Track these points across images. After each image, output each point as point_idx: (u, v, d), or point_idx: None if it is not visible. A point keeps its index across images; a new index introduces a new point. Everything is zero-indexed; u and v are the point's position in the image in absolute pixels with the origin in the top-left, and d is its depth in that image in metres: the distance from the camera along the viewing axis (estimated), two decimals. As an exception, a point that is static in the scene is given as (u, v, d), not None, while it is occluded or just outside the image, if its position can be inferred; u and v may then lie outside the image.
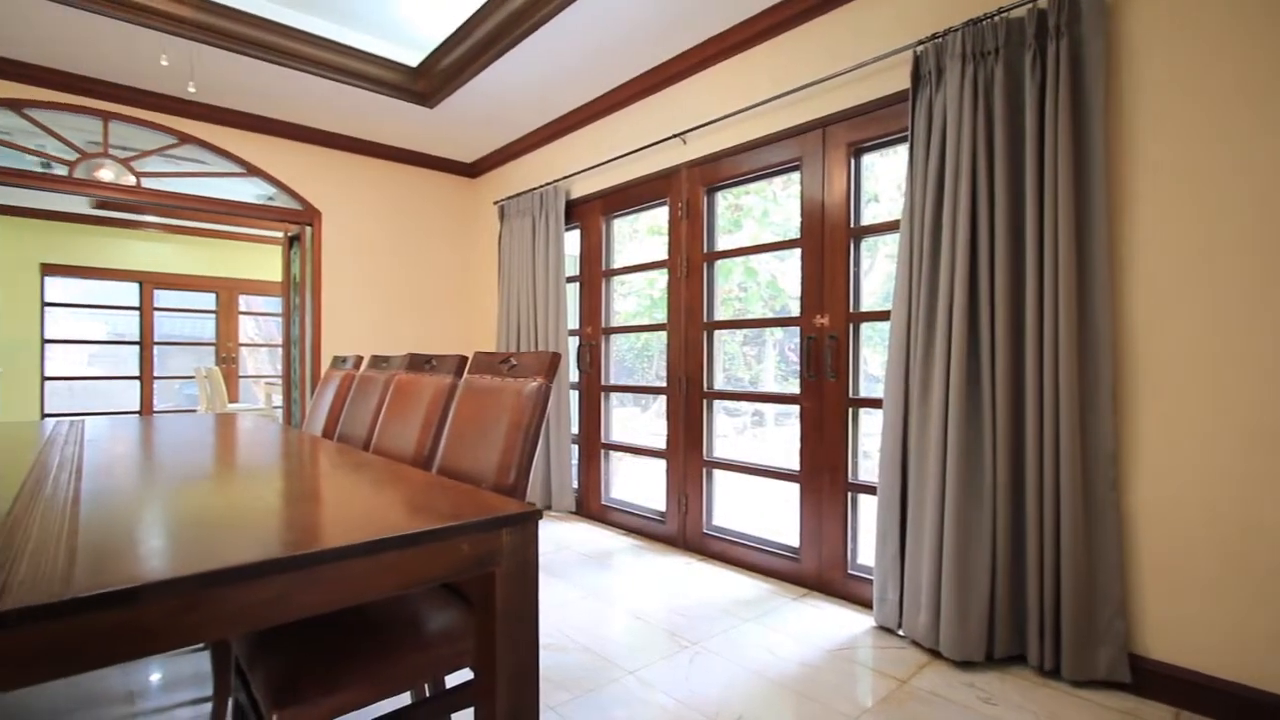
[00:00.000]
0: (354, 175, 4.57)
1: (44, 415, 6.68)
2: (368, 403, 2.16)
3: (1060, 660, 1.95)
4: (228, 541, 0.89)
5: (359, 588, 0.86)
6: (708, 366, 3.27)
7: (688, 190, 3.33)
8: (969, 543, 2.08)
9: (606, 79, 3.53)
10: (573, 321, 4.13)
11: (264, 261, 7.92)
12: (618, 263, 3.95)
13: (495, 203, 4.68)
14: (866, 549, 2.65)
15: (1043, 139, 2.00)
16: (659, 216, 3.69)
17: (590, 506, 3.96)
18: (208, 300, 7.71)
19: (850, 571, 2.62)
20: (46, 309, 6.72)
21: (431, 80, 3.74)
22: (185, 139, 3.89)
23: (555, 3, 2.83)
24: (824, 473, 2.72)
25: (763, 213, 3.65)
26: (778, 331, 3.98)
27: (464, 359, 1.77)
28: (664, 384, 3.48)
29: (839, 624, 2.41)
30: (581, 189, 3.99)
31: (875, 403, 2.57)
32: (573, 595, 2.71)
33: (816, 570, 2.73)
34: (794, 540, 2.85)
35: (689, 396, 3.32)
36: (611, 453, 3.94)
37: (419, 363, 1.97)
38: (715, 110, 3.13)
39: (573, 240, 4.15)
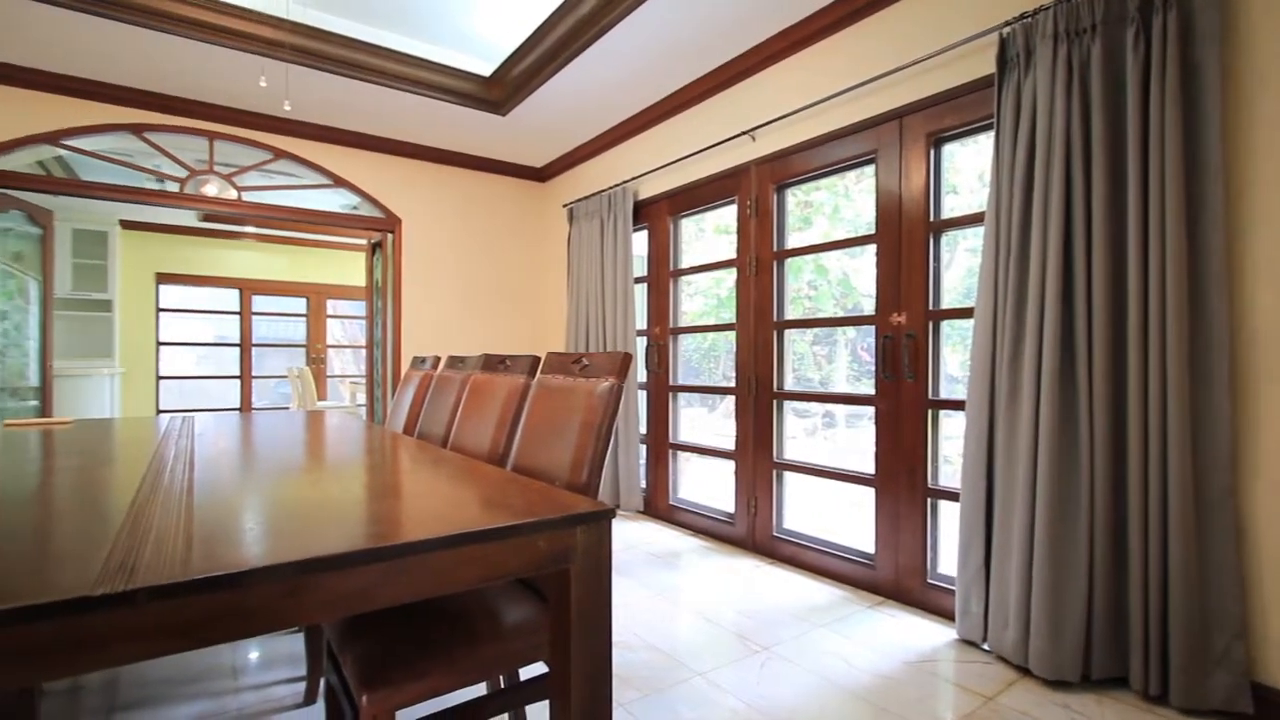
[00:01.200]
0: (431, 183, 4.76)
1: (158, 411, 7.31)
2: (445, 401, 2.24)
3: (1167, 685, 1.80)
4: (322, 532, 0.94)
5: (442, 579, 0.89)
6: (778, 367, 3.21)
7: (757, 188, 3.28)
8: (1063, 554, 1.95)
9: (674, 79, 3.53)
10: (640, 322, 4.15)
11: (349, 268, 8.38)
12: (685, 263, 3.94)
13: (564, 205, 4.76)
14: (948, 557, 2.53)
15: (1147, 120, 1.85)
16: (726, 215, 3.65)
17: (658, 506, 3.96)
18: (299, 305, 8.23)
19: (930, 580, 2.51)
20: (160, 314, 7.36)
21: (504, 88, 3.85)
22: (280, 154, 4.16)
23: (622, 7, 2.85)
24: (901, 477, 2.61)
25: (834, 209, 3.56)
26: (850, 331, 3.86)
27: (537, 359, 1.81)
28: (732, 384, 3.45)
29: (918, 635, 2.31)
30: (649, 190, 4.01)
31: (956, 404, 2.45)
32: (641, 594, 2.73)
33: (893, 578, 2.63)
34: (869, 546, 2.75)
35: (758, 397, 3.27)
36: (679, 453, 3.93)
37: (493, 363, 2.03)
38: (785, 105, 3.07)
39: (640, 241, 4.18)
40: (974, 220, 2.41)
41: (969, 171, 2.72)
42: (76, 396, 5.88)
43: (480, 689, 1.80)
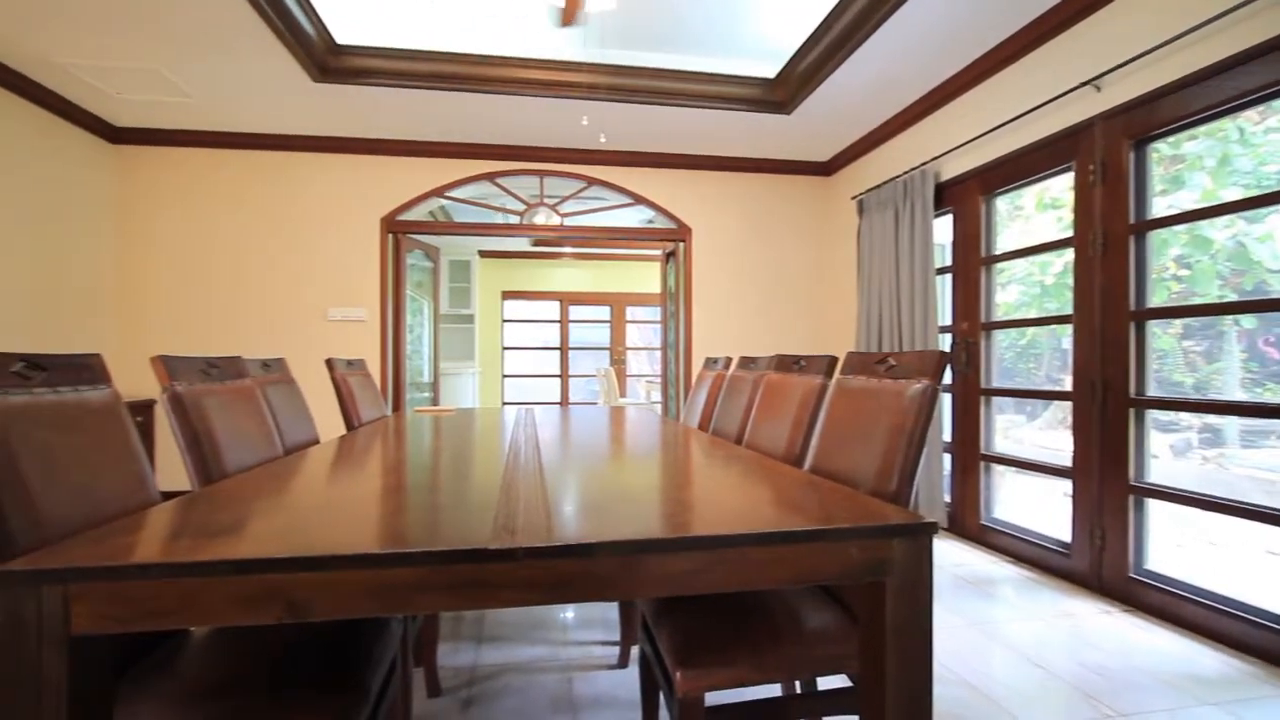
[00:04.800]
0: (718, 191, 4.97)
1: (503, 404, 8.99)
2: (738, 401, 2.31)
3: None
4: (648, 515, 1.04)
5: (756, 574, 0.91)
6: (1135, 367, 2.58)
7: (1103, 147, 2.69)
8: None
9: (983, 39, 3.10)
10: (942, 317, 3.74)
11: (644, 277, 9.23)
12: (999, 247, 3.43)
13: (853, 198, 4.54)
14: None
15: None
16: (1054, 187, 3.07)
17: (965, 524, 3.52)
18: (604, 312, 9.35)
19: None
20: (505, 324, 9.05)
21: (788, 87, 3.82)
22: (591, 181, 4.77)
23: (923, -30, 2.60)
24: (1352, 520, 1.88)
25: (1220, 159, 2.73)
26: (1246, 320, 2.92)
27: (834, 359, 1.74)
28: (1065, 388, 2.88)
29: (1389, 746, 1.64)
30: (953, 169, 3.58)
31: None
32: (950, 621, 2.44)
33: (1337, 658, 1.90)
34: (1291, 609, 2.05)
35: (1105, 404, 2.67)
36: (993, 465, 3.43)
37: (787, 363, 2.02)
38: (1144, 40, 2.46)
39: (941, 227, 3.76)
40: None
41: None
42: (452, 390, 7.55)
43: (774, 689, 1.80)
